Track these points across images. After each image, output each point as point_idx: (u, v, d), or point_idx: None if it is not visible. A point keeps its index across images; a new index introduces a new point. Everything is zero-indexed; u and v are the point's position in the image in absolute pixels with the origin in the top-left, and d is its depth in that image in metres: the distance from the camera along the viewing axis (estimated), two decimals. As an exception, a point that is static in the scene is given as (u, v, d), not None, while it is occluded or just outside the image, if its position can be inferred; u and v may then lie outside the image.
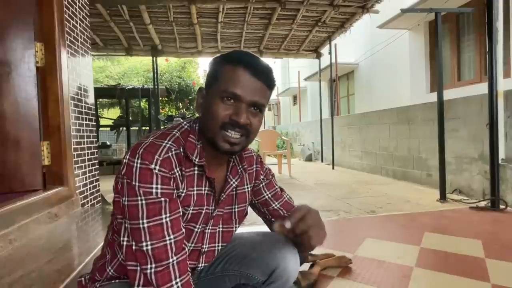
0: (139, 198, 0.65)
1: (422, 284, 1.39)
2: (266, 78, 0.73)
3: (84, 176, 2.15)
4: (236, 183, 0.85)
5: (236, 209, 0.88)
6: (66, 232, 1.58)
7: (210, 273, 0.88)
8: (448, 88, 4.73)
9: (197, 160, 0.74)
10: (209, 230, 0.82)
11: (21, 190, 1.67)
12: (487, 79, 2.62)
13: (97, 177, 2.40)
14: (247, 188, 0.91)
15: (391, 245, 1.86)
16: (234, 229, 0.88)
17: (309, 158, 7.76)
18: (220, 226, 0.85)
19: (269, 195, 0.95)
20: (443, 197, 2.98)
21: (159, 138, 0.71)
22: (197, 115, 0.80)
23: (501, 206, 2.59)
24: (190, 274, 0.70)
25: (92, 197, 2.27)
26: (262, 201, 0.95)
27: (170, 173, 0.68)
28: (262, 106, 0.75)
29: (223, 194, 0.82)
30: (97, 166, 2.41)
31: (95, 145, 2.38)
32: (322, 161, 7.09)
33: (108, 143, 6.95)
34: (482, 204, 2.72)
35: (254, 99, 0.72)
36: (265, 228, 0.97)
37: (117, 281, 0.75)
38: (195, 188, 0.76)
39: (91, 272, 0.81)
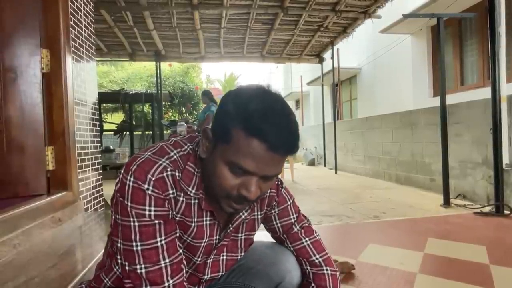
0: (131, 219, 0.61)
1: (425, 290, 1.38)
2: (286, 151, 0.61)
3: (87, 181, 2.16)
4: (245, 214, 0.77)
5: (243, 237, 0.82)
6: (69, 237, 1.59)
7: (213, 286, 0.86)
8: (451, 92, 4.72)
9: (193, 191, 0.67)
10: (211, 259, 0.77)
11: (25, 194, 1.68)
12: (490, 84, 2.62)
13: (100, 182, 2.41)
14: (258, 215, 0.83)
15: (394, 251, 1.85)
16: (238, 256, 0.83)
17: (311, 163, 7.75)
18: (224, 254, 0.79)
19: (280, 226, 0.87)
20: (446, 202, 2.96)
21: (157, 155, 0.66)
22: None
23: (506, 212, 2.56)
24: None
25: (95, 201, 2.28)
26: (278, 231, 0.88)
27: (164, 194, 0.63)
28: (276, 175, 0.66)
29: (230, 225, 0.75)
30: (100, 171, 2.42)
31: (98, 150, 2.40)
32: (324, 165, 7.07)
33: (112, 148, 6.98)
34: (487, 209, 2.70)
35: (269, 173, 0.62)
36: (269, 237, 0.94)
37: None
38: (194, 220, 0.70)
39: (91, 279, 0.80)
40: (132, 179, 0.61)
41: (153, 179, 0.62)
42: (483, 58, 4.74)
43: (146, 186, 0.61)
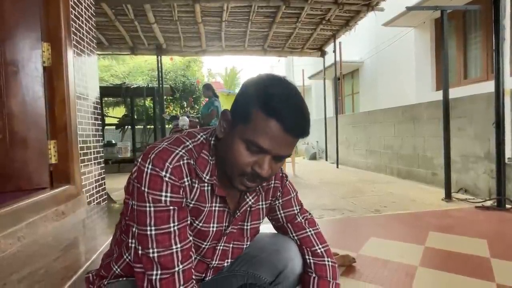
0: (147, 204, 0.65)
1: (426, 283, 1.39)
2: (299, 134, 0.67)
3: (90, 175, 2.17)
4: (252, 200, 0.81)
5: (249, 227, 0.84)
6: (73, 229, 1.60)
7: (218, 275, 0.87)
8: (454, 86, 4.69)
9: (207, 177, 0.71)
10: (221, 247, 0.80)
11: (29, 188, 1.70)
12: (494, 77, 2.60)
13: (102, 175, 2.42)
14: (262, 205, 0.86)
15: (395, 244, 1.86)
16: (244, 246, 0.85)
17: (313, 157, 7.75)
18: (232, 242, 0.83)
19: (283, 216, 0.89)
20: (448, 196, 2.96)
21: (173, 144, 0.70)
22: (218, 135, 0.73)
23: (507, 206, 2.56)
24: (194, 281, 0.70)
25: (98, 195, 2.30)
26: (279, 225, 0.92)
27: (180, 181, 0.67)
28: (287, 156, 0.71)
29: (237, 211, 0.79)
30: (102, 165, 2.43)
31: (100, 144, 2.40)
32: (326, 159, 7.07)
33: (114, 142, 7.00)
34: (488, 203, 2.70)
35: (281, 153, 0.67)
36: (272, 231, 0.95)
37: (124, 279, 0.76)
38: (207, 205, 0.74)
39: (99, 268, 0.82)
40: (150, 166, 0.65)
41: (171, 167, 0.66)
42: (487, 52, 4.70)
43: (163, 173, 0.65)
